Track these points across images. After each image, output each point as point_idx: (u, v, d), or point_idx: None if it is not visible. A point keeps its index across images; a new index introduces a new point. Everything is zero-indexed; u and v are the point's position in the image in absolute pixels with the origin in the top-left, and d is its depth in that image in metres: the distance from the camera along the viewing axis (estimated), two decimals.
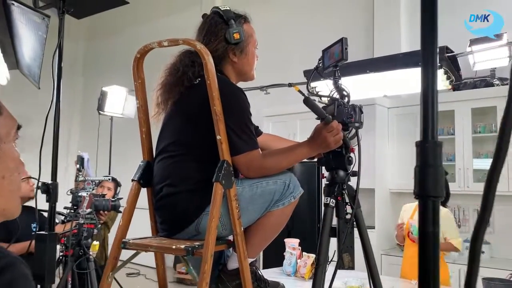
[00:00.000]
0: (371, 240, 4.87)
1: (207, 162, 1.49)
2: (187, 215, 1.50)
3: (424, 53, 0.70)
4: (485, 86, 4.50)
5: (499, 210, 4.54)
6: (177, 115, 1.59)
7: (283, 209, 1.58)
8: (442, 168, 0.70)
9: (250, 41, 1.67)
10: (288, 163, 1.60)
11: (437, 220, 0.68)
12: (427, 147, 0.69)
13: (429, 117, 0.69)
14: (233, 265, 1.59)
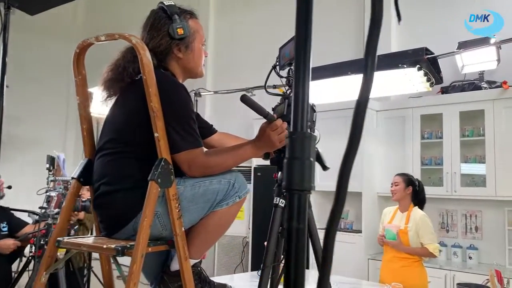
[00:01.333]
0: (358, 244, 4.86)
1: (146, 160, 1.46)
2: (124, 215, 1.46)
3: (297, 53, 0.67)
4: (473, 89, 4.44)
5: (487, 215, 4.47)
6: (117, 111, 1.56)
7: (227, 209, 1.55)
8: (310, 161, 0.66)
9: (196, 37, 1.64)
10: (233, 162, 1.56)
11: (303, 216, 0.64)
12: (294, 139, 0.65)
13: (299, 107, 0.66)
14: (176, 266, 1.55)
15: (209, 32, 7.16)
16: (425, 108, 4.69)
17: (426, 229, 3.41)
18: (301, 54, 0.67)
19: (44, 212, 2.77)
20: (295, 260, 0.63)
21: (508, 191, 4.10)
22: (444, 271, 4.16)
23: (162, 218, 1.47)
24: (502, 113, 4.20)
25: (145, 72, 1.39)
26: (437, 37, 4.79)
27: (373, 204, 4.89)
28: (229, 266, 5.89)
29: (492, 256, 4.31)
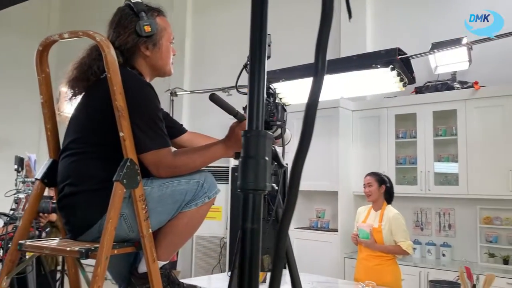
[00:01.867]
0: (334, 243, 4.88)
1: (111, 161, 1.42)
2: (89, 217, 1.43)
3: (252, 51, 0.66)
4: (446, 90, 4.52)
5: (459, 213, 4.55)
6: (81, 111, 1.52)
7: (196, 209, 1.52)
8: (265, 160, 0.65)
9: (164, 34, 1.61)
10: (202, 162, 1.54)
11: (258, 216, 0.63)
12: (249, 137, 0.64)
13: (254, 106, 0.64)
14: (144, 268, 1.52)
15: (186, 31, 7.11)
16: (399, 108, 4.74)
17: (399, 227, 3.45)
18: (256, 53, 0.66)
19: (12, 214, 2.69)
20: (250, 261, 0.62)
21: (480, 189, 4.18)
22: (419, 269, 4.22)
23: (129, 219, 1.44)
24: (474, 112, 4.28)
25: (110, 70, 1.36)
26: (413, 37, 4.85)
27: (349, 203, 4.93)
28: (207, 267, 5.85)
29: (464, 253, 4.39)
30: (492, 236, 4.26)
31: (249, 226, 0.62)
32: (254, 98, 0.65)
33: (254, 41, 0.66)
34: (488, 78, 4.36)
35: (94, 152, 1.46)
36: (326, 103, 4.71)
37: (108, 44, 1.37)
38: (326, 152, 4.87)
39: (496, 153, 4.12)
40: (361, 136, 5.03)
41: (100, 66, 1.48)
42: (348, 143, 5.01)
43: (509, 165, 4.03)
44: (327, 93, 3.92)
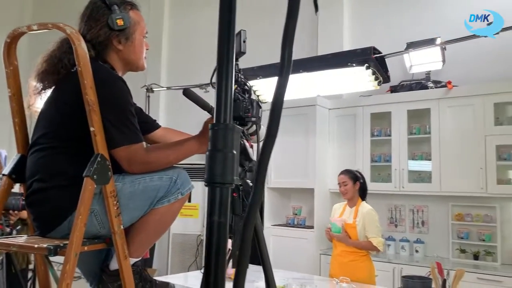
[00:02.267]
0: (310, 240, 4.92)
1: (82, 156, 1.40)
2: (58, 213, 1.40)
3: (220, 45, 0.65)
4: (420, 89, 4.60)
5: (432, 210, 4.64)
6: (51, 105, 1.49)
7: (169, 206, 1.51)
8: (233, 154, 0.64)
9: (137, 28, 1.58)
10: (175, 158, 1.52)
11: (225, 210, 0.63)
12: (216, 131, 0.63)
13: (222, 99, 0.64)
14: (115, 265, 1.50)
15: (163, 27, 7.04)
16: (374, 106, 4.81)
17: (372, 223, 3.50)
18: (224, 47, 0.65)
19: None
20: (216, 254, 0.61)
21: (452, 187, 4.28)
22: (393, 265, 4.29)
23: (100, 216, 1.42)
24: (447, 111, 4.37)
25: (80, 64, 1.33)
26: (389, 37, 4.92)
27: (325, 200, 4.97)
28: (183, 264, 5.82)
29: (437, 249, 4.49)
30: (463, 232, 4.36)
31: (216, 219, 0.62)
32: (222, 91, 0.65)
33: (222, 35, 0.66)
34: (460, 78, 4.46)
35: (64, 147, 1.43)
36: (303, 101, 4.74)
37: (78, 37, 1.34)
38: (303, 150, 4.90)
39: (468, 151, 4.21)
40: (337, 134, 5.08)
41: (70, 59, 1.45)
42: (324, 141, 5.05)
43: (480, 164, 4.13)
44: (304, 91, 3.93)
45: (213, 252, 0.62)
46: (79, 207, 1.31)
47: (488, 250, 4.21)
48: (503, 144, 4.10)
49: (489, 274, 3.83)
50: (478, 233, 4.29)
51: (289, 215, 5.31)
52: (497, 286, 3.75)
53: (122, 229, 1.44)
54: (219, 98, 0.65)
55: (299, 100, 4.59)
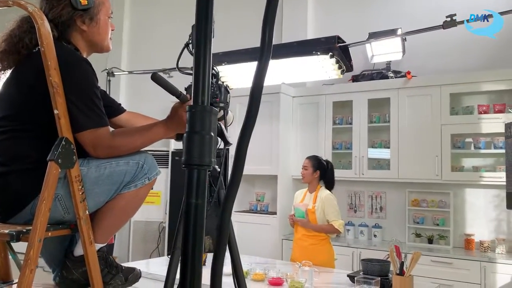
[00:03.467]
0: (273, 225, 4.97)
1: (45, 140, 1.35)
2: (20, 198, 1.36)
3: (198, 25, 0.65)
4: (381, 78, 4.71)
5: (390, 196, 4.81)
6: (11, 87, 1.43)
7: (135, 191, 1.49)
8: (210, 136, 0.65)
9: (101, 8, 1.54)
10: (142, 143, 1.50)
11: (202, 191, 0.63)
12: (194, 112, 0.63)
13: (200, 81, 0.64)
14: (80, 251, 1.48)
15: (124, 10, 6.85)
16: (337, 95, 4.90)
17: (331, 207, 3.59)
18: (202, 29, 0.65)
19: None
20: (193, 236, 0.62)
21: (409, 174, 4.44)
22: (352, 249, 4.43)
23: (64, 201, 1.38)
24: (406, 101, 4.52)
25: (44, 44, 1.28)
26: (353, 27, 4.99)
27: (288, 186, 5.04)
28: (145, 251, 5.77)
29: (394, 234, 4.66)
30: (419, 217, 4.55)
31: (193, 201, 0.62)
32: (200, 72, 0.65)
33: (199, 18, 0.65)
34: (419, 68, 4.61)
35: (26, 131, 1.38)
36: (267, 89, 4.73)
37: (41, 15, 1.29)
38: (267, 137, 4.94)
39: (424, 140, 4.38)
40: (300, 122, 5.14)
41: (32, 39, 1.39)
42: (288, 129, 5.10)
43: (436, 152, 4.30)
44: (269, 79, 3.94)
45: (190, 234, 0.62)
46: (43, 191, 1.27)
47: (442, 234, 4.41)
48: (458, 133, 4.28)
49: (442, 257, 4.03)
50: (433, 218, 4.49)
51: (252, 201, 5.35)
52: (449, 267, 3.95)
53: (87, 214, 1.41)
54: (197, 80, 0.65)
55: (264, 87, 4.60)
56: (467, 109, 4.30)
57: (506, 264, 3.76)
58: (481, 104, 4.21)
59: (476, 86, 4.24)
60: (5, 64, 1.43)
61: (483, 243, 4.13)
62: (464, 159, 4.41)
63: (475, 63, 4.42)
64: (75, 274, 1.48)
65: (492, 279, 3.77)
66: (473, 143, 4.28)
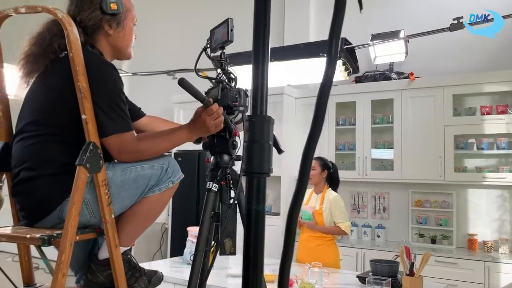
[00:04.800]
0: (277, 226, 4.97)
1: (72, 144, 1.37)
2: (48, 202, 1.37)
3: (256, 37, 0.66)
4: (384, 80, 4.75)
5: (393, 197, 4.84)
6: (39, 91, 1.44)
7: (159, 194, 1.50)
8: (269, 145, 0.67)
9: (128, 15, 1.55)
10: (166, 146, 1.52)
11: (262, 198, 0.65)
12: (254, 122, 0.65)
13: (258, 91, 0.66)
14: (104, 255, 1.49)
15: None
16: (340, 96, 4.92)
17: (338, 209, 3.61)
18: (260, 38, 0.67)
19: None
20: (255, 242, 0.63)
21: (413, 174, 4.47)
22: (356, 249, 4.46)
23: (90, 205, 1.40)
24: (409, 102, 4.55)
25: (72, 50, 1.29)
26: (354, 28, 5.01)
27: (291, 187, 5.04)
28: (147, 253, 5.77)
29: (397, 234, 4.70)
30: (422, 218, 4.59)
31: (255, 208, 0.64)
32: (258, 83, 0.66)
33: (258, 25, 0.67)
34: (422, 70, 4.64)
35: (54, 135, 1.39)
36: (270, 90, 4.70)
37: (70, 21, 1.30)
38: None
39: (428, 140, 4.41)
40: (303, 123, 5.17)
41: (61, 44, 1.40)
42: (291, 129, 5.12)
43: (439, 152, 4.34)
44: (274, 80, 3.96)
45: (252, 240, 0.64)
46: (72, 196, 1.28)
47: (445, 234, 4.45)
48: (461, 134, 4.32)
49: (446, 257, 4.06)
50: (436, 218, 4.53)
51: None
52: (453, 267, 3.99)
53: (113, 218, 1.43)
54: (255, 90, 0.67)
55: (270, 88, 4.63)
56: (470, 110, 4.34)
57: (510, 264, 3.80)
58: (484, 105, 4.25)
59: (478, 87, 4.28)
60: (34, 67, 1.44)
61: (486, 243, 4.17)
62: (467, 160, 4.44)
63: (477, 64, 4.46)
64: (100, 278, 1.49)
65: (496, 279, 3.81)
66: (476, 143, 4.32)
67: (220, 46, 1.75)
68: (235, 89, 1.72)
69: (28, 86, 1.47)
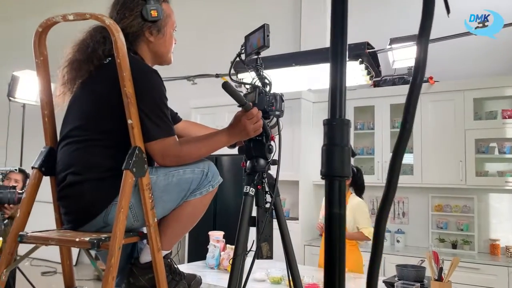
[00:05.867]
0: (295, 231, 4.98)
1: (117, 149, 1.39)
2: (94, 206, 1.38)
3: (334, 30, 0.67)
4: (403, 83, 4.74)
5: (413, 201, 4.81)
6: (84, 97, 1.46)
7: (200, 198, 1.52)
8: (349, 148, 0.67)
9: (168, 21, 1.57)
10: (207, 151, 1.53)
11: (343, 201, 0.65)
12: (334, 126, 0.66)
13: (337, 95, 0.66)
14: (146, 258, 1.50)
15: None
16: (358, 100, 4.92)
17: (362, 215, 3.60)
18: (338, 42, 0.67)
19: None
20: (338, 244, 0.64)
21: (432, 179, 4.44)
22: None
23: (134, 208, 1.41)
24: (429, 106, 4.53)
25: (119, 56, 1.31)
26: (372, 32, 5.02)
27: (309, 192, 5.06)
28: None
29: (417, 239, 4.67)
30: (442, 222, 4.55)
31: (336, 211, 0.65)
32: (337, 87, 0.67)
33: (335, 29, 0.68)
34: (441, 73, 4.62)
35: (99, 140, 1.41)
36: (288, 95, 4.74)
37: (117, 28, 1.32)
38: (288, 142, 4.95)
39: (448, 145, 4.39)
40: (321, 127, 5.10)
41: (105, 50, 1.42)
42: (309, 134, 5.12)
43: (459, 156, 4.31)
44: (294, 85, 3.98)
45: (335, 243, 0.64)
46: (120, 200, 1.30)
47: (466, 239, 4.41)
48: (482, 138, 4.29)
49: (467, 262, 4.01)
50: (457, 223, 4.49)
51: None
52: (476, 273, 3.95)
53: (156, 222, 1.44)
54: (334, 94, 0.67)
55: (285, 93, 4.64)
56: (490, 114, 4.31)
57: None
58: (505, 109, 4.22)
59: (499, 91, 4.25)
60: (78, 74, 1.46)
61: (509, 249, 4.13)
62: (489, 164, 4.41)
63: (498, 68, 4.43)
64: (142, 281, 1.50)
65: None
66: (497, 147, 4.28)
67: (256, 51, 1.77)
68: (271, 94, 1.74)
69: (71, 91, 1.50)
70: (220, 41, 5.92)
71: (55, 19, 1.35)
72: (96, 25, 1.46)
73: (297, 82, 3.92)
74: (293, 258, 1.75)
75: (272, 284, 3.02)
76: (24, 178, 3.48)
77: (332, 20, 0.68)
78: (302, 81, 3.89)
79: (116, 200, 1.36)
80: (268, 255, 1.71)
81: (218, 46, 5.83)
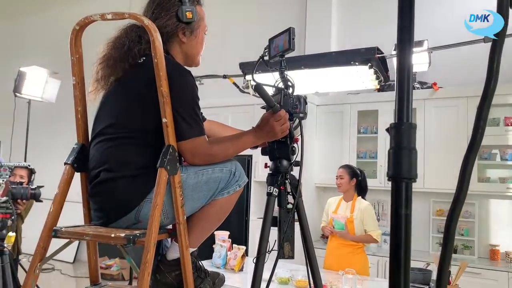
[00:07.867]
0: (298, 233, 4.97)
1: (149, 147, 1.41)
2: (127, 202, 1.40)
3: (401, 33, 0.70)
4: None
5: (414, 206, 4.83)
6: (118, 95, 1.47)
7: (228, 197, 1.54)
8: (416, 151, 0.70)
9: (201, 24, 1.60)
10: (235, 150, 1.56)
11: (410, 202, 0.68)
12: (402, 129, 0.69)
13: (404, 98, 0.69)
14: (173, 255, 1.52)
15: None
16: (362, 104, 4.96)
17: (370, 218, 3.64)
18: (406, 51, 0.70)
19: None
20: (405, 244, 0.67)
21: (434, 183, 4.49)
22: (377, 257, 4.47)
23: (165, 206, 1.43)
24: (432, 112, 4.58)
25: (157, 55, 1.33)
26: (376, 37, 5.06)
27: (312, 194, 5.09)
28: None
29: (418, 243, 4.70)
30: (443, 227, 4.59)
31: (404, 212, 0.67)
32: (404, 92, 0.70)
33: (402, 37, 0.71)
34: (444, 80, 4.68)
35: (132, 138, 1.42)
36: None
37: (155, 28, 1.34)
38: None
39: (450, 150, 4.44)
40: (324, 130, 5.20)
41: (140, 49, 1.44)
42: (312, 137, 5.16)
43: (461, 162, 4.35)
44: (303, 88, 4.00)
45: (402, 244, 0.67)
46: (155, 197, 1.32)
47: (466, 244, 4.46)
48: (484, 144, 4.31)
49: (468, 267, 4.06)
50: (458, 228, 4.53)
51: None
52: (476, 277, 4.00)
53: (185, 219, 1.46)
54: (401, 98, 0.70)
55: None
56: (494, 121, 4.37)
57: None
58: (508, 116, 4.28)
59: (502, 98, 4.31)
60: (113, 71, 1.48)
61: (509, 254, 4.19)
62: (490, 170, 4.47)
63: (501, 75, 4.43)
64: (168, 278, 1.52)
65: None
66: (499, 154, 4.34)
67: (280, 54, 1.80)
68: (295, 96, 1.77)
69: (104, 88, 1.51)
70: (226, 42, 5.95)
71: (93, 17, 1.37)
72: (132, 24, 1.48)
73: (304, 85, 3.95)
74: (314, 257, 1.78)
75: (280, 284, 3.05)
76: (29, 173, 3.47)
77: (399, 28, 0.71)
78: (309, 84, 3.92)
79: (149, 197, 1.38)
80: (289, 254, 1.74)
81: (224, 47, 5.86)
